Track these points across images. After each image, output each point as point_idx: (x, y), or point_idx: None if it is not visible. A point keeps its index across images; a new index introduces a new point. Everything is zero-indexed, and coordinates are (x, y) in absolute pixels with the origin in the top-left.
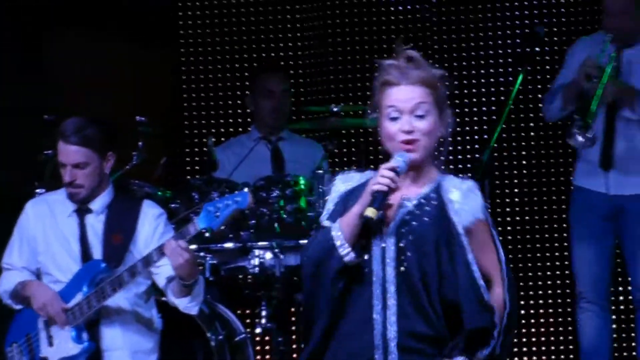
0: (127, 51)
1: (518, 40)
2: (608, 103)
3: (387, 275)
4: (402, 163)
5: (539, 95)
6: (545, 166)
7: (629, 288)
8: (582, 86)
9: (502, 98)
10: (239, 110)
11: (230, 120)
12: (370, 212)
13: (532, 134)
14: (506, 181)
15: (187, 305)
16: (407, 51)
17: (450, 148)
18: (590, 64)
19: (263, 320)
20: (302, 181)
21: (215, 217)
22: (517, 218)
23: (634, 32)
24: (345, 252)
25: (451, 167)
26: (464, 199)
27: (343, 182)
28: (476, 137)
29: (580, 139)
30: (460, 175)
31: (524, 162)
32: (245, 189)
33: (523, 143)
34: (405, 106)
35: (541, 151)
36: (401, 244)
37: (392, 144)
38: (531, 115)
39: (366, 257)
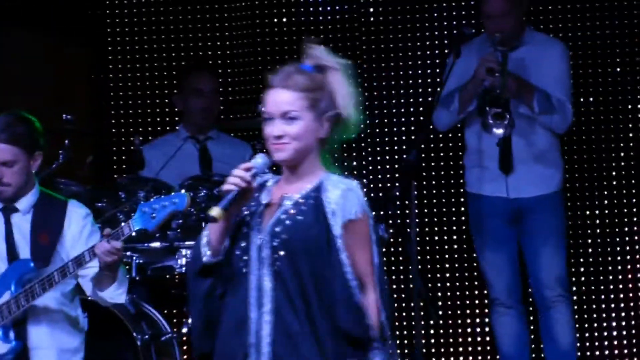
0: (51, 47)
1: (446, 41)
2: (504, 100)
3: (262, 274)
4: (261, 164)
5: None
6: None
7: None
8: (484, 82)
9: (429, 99)
10: (166, 109)
11: (158, 119)
12: (215, 212)
13: (459, 134)
14: (433, 182)
15: (114, 293)
16: (308, 47)
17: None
18: (491, 58)
19: (190, 320)
20: None
21: (151, 218)
22: (444, 219)
23: (515, 33)
24: (204, 251)
25: (379, 167)
26: (340, 198)
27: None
28: (403, 137)
29: (499, 129)
30: (345, 175)
31: (451, 162)
32: (183, 191)
33: (450, 144)
34: (275, 110)
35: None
36: (274, 243)
37: (268, 145)
38: None
39: (245, 257)
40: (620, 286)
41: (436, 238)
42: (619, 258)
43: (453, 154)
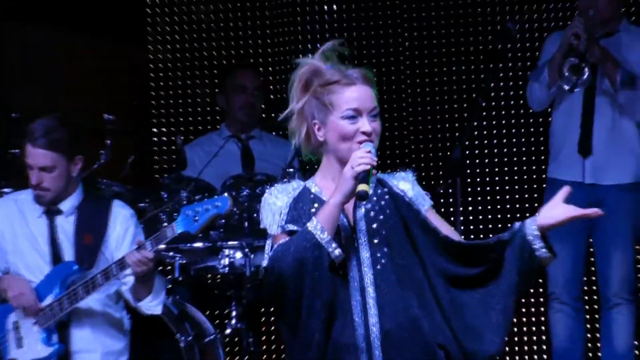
0: (93, 47)
1: (490, 37)
2: (591, 67)
3: (363, 275)
4: (373, 149)
5: (511, 93)
6: (518, 163)
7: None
8: (572, 45)
9: (473, 95)
10: (208, 108)
11: (200, 118)
12: (366, 187)
13: (503, 131)
14: (478, 179)
15: (150, 304)
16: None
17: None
18: (577, 23)
19: (233, 321)
20: (272, 180)
21: (193, 221)
22: (489, 217)
23: (610, 18)
24: (333, 247)
25: (422, 164)
26: (414, 186)
27: (282, 193)
28: (447, 134)
29: (569, 84)
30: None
31: (495, 159)
32: (225, 194)
33: (495, 141)
34: (364, 106)
35: (513, 149)
36: (375, 240)
37: (349, 145)
38: (503, 112)
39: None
40: None
41: (481, 236)
42: None
43: (498, 151)
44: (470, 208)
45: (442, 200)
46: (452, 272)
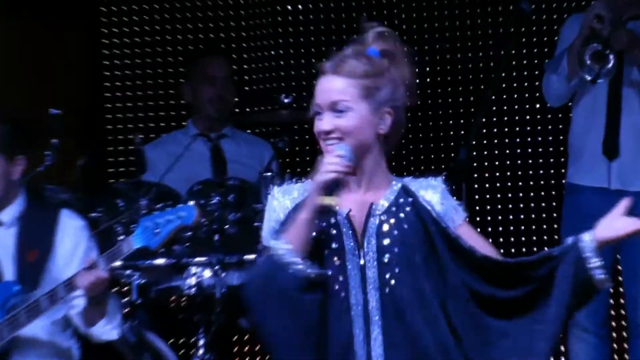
0: (37, 34)
1: (500, 20)
2: (616, 55)
3: (369, 298)
4: (347, 149)
5: (525, 84)
6: (532, 166)
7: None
8: (594, 29)
9: (481, 87)
10: (172, 102)
11: (162, 114)
12: (330, 200)
13: (516, 129)
14: (487, 184)
15: (104, 329)
16: (374, 30)
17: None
18: (600, 3)
19: (200, 351)
20: (247, 185)
21: (154, 235)
22: (500, 229)
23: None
24: (302, 266)
25: (422, 168)
26: (444, 199)
27: (285, 196)
28: (451, 133)
29: (591, 74)
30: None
31: (507, 162)
32: (191, 202)
33: (506, 140)
34: (323, 101)
35: (527, 149)
36: (384, 259)
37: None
38: (515, 107)
39: (341, 278)
40: None
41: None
42: None
43: (509, 152)
44: (477, 218)
45: None
46: (488, 296)
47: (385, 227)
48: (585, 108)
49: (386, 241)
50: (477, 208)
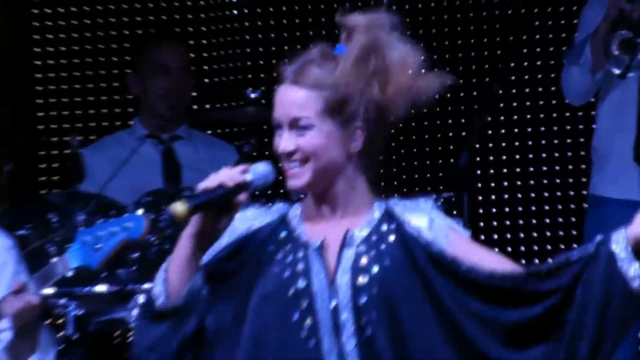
0: None
1: None
2: None
3: (343, 347)
4: (262, 172)
5: (539, 77)
6: (548, 175)
7: None
8: (622, 12)
9: (486, 80)
10: (115, 96)
11: (104, 110)
12: (180, 208)
13: (528, 129)
14: (492, 195)
15: None
16: (348, 21)
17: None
18: None
19: None
20: None
21: (94, 251)
22: (508, 248)
23: None
24: (157, 291)
25: (416, 175)
26: (433, 223)
27: (245, 219)
28: (450, 134)
29: (620, 67)
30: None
31: (516, 169)
32: (140, 211)
33: (515, 143)
34: (281, 116)
35: (541, 154)
36: (361, 301)
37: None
38: (527, 104)
39: (308, 322)
40: None
41: None
42: None
43: (519, 157)
44: (481, 235)
45: None
46: (505, 323)
47: (364, 261)
48: (612, 106)
49: (363, 279)
50: (481, 224)
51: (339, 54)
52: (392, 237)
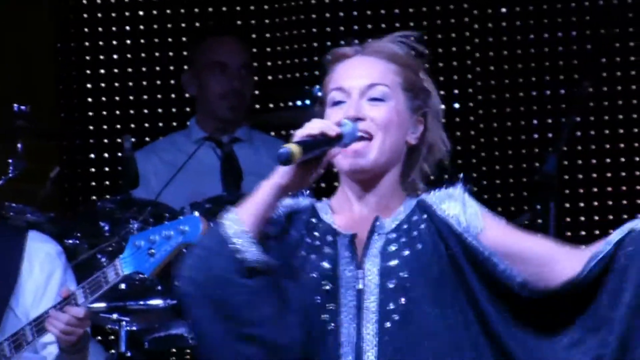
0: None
1: None
2: None
3: (363, 334)
4: (350, 128)
5: (633, 73)
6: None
7: None
8: None
9: (575, 77)
10: (171, 96)
11: (159, 111)
12: (293, 147)
13: (620, 131)
14: (582, 203)
15: None
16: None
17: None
18: None
19: None
20: None
21: (148, 256)
22: None
23: None
24: (245, 244)
25: (496, 182)
26: (467, 207)
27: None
28: (535, 136)
29: None
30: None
31: (609, 174)
32: (196, 213)
33: (607, 145)
34: (355, 83)
35: (634, 157)
36: (390, 285)
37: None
38: (620, 102)
39: (331, 306)
40: None
41: None
42: None
43: (612, 161)
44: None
45: None
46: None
47: (393, 247)
48: None
49: (393, 262)
50: (569, 234)
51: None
52: (423, 226)
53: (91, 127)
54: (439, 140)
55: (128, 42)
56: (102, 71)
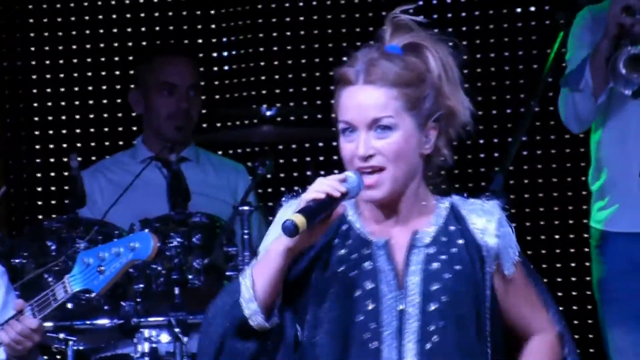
0: None
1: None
2: None
3: (403, 353)
4: (355, 181)
5: None
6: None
7: None
8: (623, 26)
9: (521, 96)
10: (117, 114)
11: (105, 129)
12: (297, 219)
13: (567, 150)
14: (527, 222)
15: None
16: (395, 19)
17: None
18: None
19: None
20: (217, 223)
21: (97, 274)
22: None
23: None
24: (251, 310)
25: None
26: (500, 231)
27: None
28: (481, 155)
29: (630, 87)
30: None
31: (556, 193)
32: (146, 230)
33: (554, 165)
34: (359, 118)
35: (584, 176)
36: (430, 308)
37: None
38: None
39: (373, 325)
40: None
41: None
42: None
43: (559, 181)
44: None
45: None
46: None
47: (435, 265)
48: (615, 129)
49: (435, 287)
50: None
51: (396, 52)
52: (460, 241)
53: (37, 146)
54: (459, 106)
55: (75, 60)
56: (49, 90)
